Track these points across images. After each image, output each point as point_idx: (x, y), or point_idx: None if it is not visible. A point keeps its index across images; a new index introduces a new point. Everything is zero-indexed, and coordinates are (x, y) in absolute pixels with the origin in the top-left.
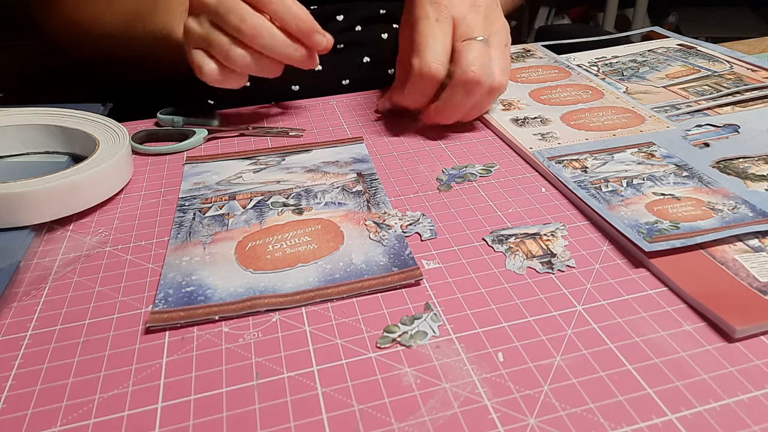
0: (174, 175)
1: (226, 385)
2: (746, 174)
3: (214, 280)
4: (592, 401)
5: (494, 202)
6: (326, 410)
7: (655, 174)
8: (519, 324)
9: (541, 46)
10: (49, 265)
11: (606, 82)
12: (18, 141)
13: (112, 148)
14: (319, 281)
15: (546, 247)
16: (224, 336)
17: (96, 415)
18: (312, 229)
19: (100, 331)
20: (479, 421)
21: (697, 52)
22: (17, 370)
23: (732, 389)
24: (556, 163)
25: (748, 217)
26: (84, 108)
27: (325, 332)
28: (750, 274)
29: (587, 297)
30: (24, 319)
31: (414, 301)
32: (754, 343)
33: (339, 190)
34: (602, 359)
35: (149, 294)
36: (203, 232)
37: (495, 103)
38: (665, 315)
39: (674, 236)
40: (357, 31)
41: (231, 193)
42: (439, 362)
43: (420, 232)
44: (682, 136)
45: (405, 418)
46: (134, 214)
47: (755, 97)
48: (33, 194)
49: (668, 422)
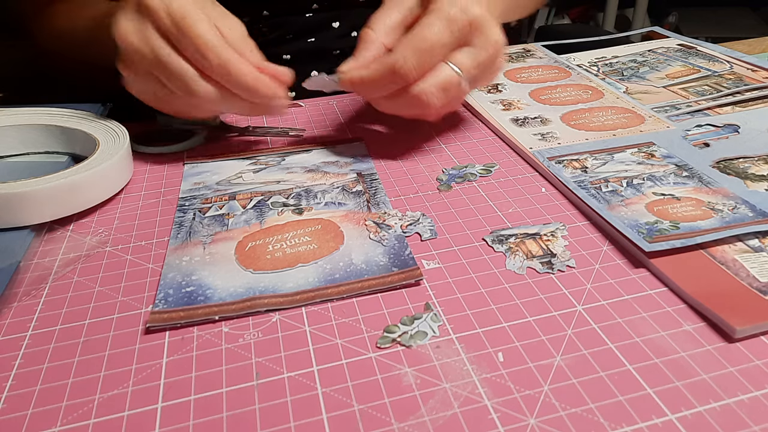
0: (174, 175)
1: (226, 385)
2: (746, 174)
3: (214, 280)
4: (592, 401)
5: (494, 202)
6: (326, 410)
7: (655, 174)
8: (519, 324)
9: (541, 46)
10: (49, 265)
11: (606, 82)
12: (18, 141)
13: (112, 148)
14: (319, 281)
15: (546, 247)
16: (224, 336)
17: (96, 415)
18: (312, 229)
19: (100, 331)
20: (479, 421)
21: (697, 52)
22: (17, 370)
23: (732, 389)
24: (556, 163)
25: (748, 217)
26: (84, 108)
27: (325, 332)
28: (750, 274)
29: (587, 297)
30: (24, 319)
31: (414, 301)
32: (754, 343)
33: (339, 190)
34: (602, 359)
35: (149, 294)
36: (203, 232)
37: (495, 103)
38: (665, 315)
39: (674, 236)
40: (353, 36)
41: (231, 193)
42: (439, 362)
43: (420, 232)
44: (682, 136)
45: (405, 418)
46: (134, 214)
47: (755, 97)
48: (33, 194)
49: (668, 422)
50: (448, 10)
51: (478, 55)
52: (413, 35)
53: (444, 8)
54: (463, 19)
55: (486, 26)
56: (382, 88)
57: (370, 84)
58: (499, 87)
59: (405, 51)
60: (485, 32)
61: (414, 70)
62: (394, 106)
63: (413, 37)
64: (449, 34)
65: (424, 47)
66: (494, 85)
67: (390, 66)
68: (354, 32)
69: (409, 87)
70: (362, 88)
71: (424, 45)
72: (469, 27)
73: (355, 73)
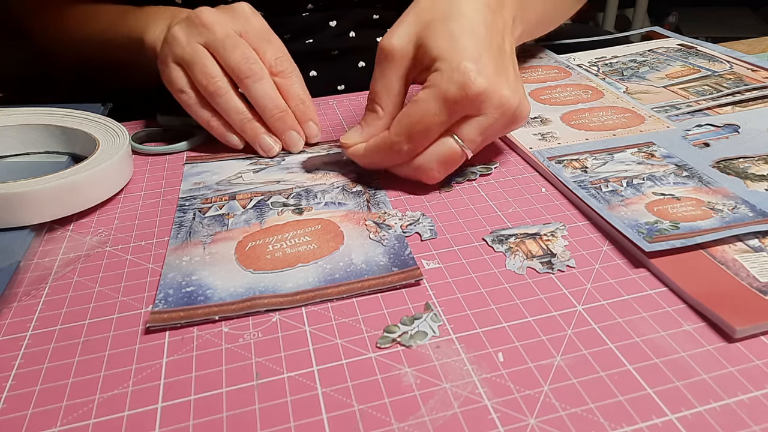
0: (174, 175)
1: (226, 385)
2: (746, 174)
3: (214, 280)
4: (592, 401)
5: (494, 202)
6: (326, 410)
7: (655, 174)
8: (519, 324)
9: (541, 46)
10: (49, 265)
11: (606, 82)
12: (18, 141)
13: (112, 148)
14: (319, 281)
15: (546, 247)
16: (224, 336)
17: (96, 415)
18: (312, 229)
19: (100, 331)
20: (479, 422)
21: (697, 52)
22: (17, 370)
23: (732, 389)
24: (556, 163)
25: (748, 217)
26: (84, 108)
27: (325, 332)
28: (750, 274)
29: (587, 297)
30: (24, 319)
31: (414, 301)
32: (754, 343)
33: (339, 190)
34: (602, 359)
35: (149, 294)
36: (203, 232)
37: None
38: (665, 315)
39: (674, 236)
40: (351, 36)
41: (231, 193)
42: (439, 362)
43: (420, 232)
44: (682, 136)
45: (405, 418)
46: (134, 214)
47: (755, 97)
48: (33, 194)
49: (668, 422)
50: (447, 89)
51: (483, 124)
52: (409, 115)
53: (442, 85)
54: (462, 96)
55: (491, 97)
56: (384, 162)
57: (372, 158)
58: None
59: (400, 131)
60: (490, 101)
61: (409, 152)
62: (397, 170)
63: (409, 118)
64: (447, 115)
65: (419, 129)
66: None
67: (387, 145)
68: (352, 32)
69: (411, 160)
70: (364, 160)
71: (419, 127)
72: (470, 102)
73: (358, 148)
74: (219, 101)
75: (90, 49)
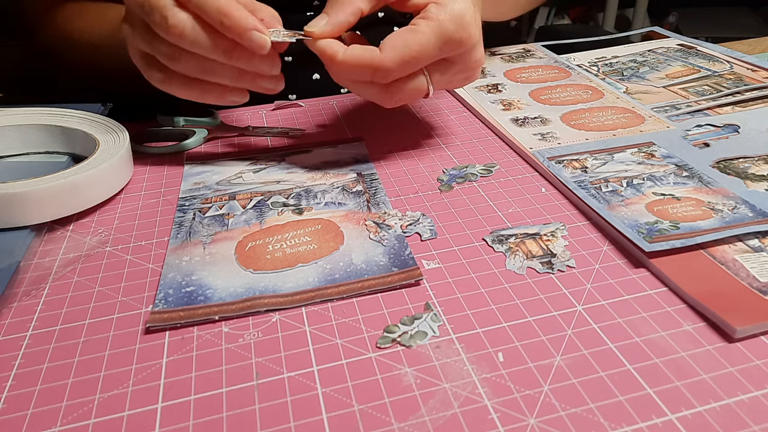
0: (174, 175)
1: (226, 385)
2: (746, 174)
3: (214, 280)
4: (592, 401)
5: (494, 202)
6: (326, 410)
7: (655, 174)
8: (519, 324)
9: (541, 46)
10: (49, 265)
11: (606, 82)
12: (18, 141)
13: (112, 148)
14: (319, 281)
15: (546, 247)
16: (224, 336)
17: (96, 415)
18: (312, 229)
19: (100, 331)
20: (479, 421)
21: (697, 52)
22: (17, 370)
23: (732, 389)
24: (556, 163)
25: (748, 217)
26: (84, 108)
27: (325, 332)
28: (750, 274)
29: (587, 297)
30: (24, 319)
31: (414, 301)
32: (754, 343)
33: (339, 190)
34: (602, 359)
35: (149, 294)
36: (203, 232)
37: (495, 104)
38: (665, 315)
39: (674, 236)
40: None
41: (231, 193)
42: (439, 362)
43: (420, 232)
44: (682, 136)
45: (405, 418)
46: (134, 214)
47: (755, 97)
48: (33, 194)
49: (668, 422)
50: (448, 27)
51: (454, 74)
52: (405, 42)
53: (444, 23)
54: (457, 37)
55: (474, 48)
56: (355, 75)
57: (344, 66)
58: (499, 87)
59: (396, 58)
60: (471, 53)
61: (394, 77)
62: (354, 87)
63: (404, 46)
64: (438, 52)
65: (410, 60)
66: (494, 85)
67: (373, 64)
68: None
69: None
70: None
71: (411, 57)
72: (459, 45)
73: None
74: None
75: (97, 54)
